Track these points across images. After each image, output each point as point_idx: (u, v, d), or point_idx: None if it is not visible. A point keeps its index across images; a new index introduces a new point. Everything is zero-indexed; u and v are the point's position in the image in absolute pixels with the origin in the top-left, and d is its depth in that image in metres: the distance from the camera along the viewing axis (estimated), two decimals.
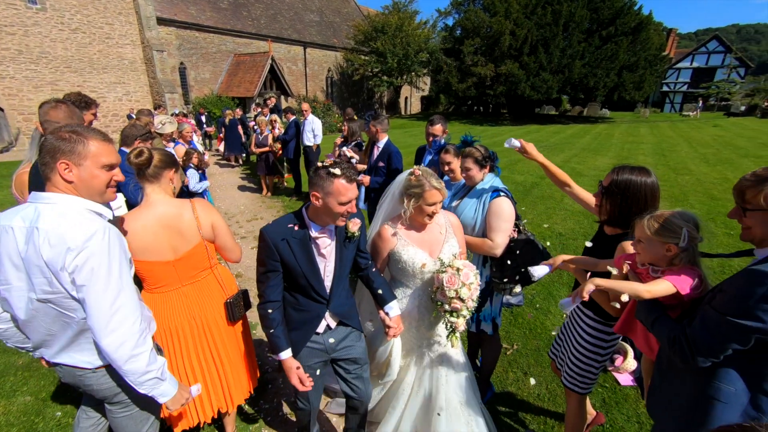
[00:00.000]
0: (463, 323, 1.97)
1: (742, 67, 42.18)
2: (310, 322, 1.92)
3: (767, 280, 1.15)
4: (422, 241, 2.10)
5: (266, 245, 1.74)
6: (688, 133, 20.88)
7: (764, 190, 1.21)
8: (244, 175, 10.90)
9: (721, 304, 1.25)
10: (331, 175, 1.64)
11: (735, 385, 1.29)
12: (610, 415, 2.69)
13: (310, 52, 27.43)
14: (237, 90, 21.29)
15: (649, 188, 1.76)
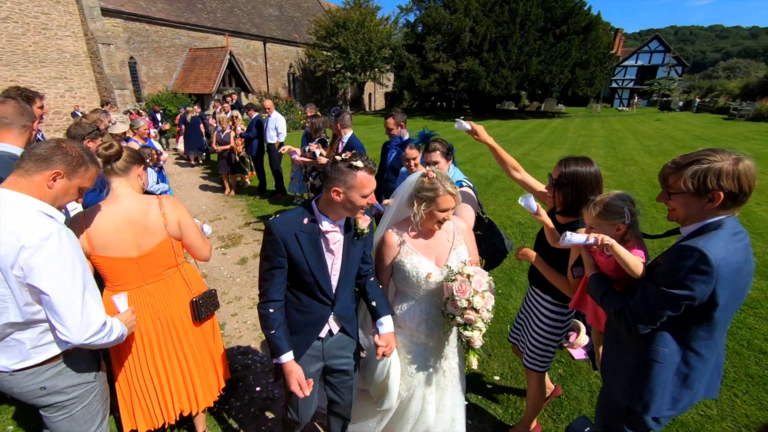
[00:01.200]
0: (480, 337, 1.78)
1: (679, 66, 45.71)
2: (313, 324, 1.80)
3: (693, 253, 1.29)
4: (428, 249, 1.92)
5: (273, 239, 1.63)
6: (635, 126, 22.40)
7: (683, 175, 1.35)
8: (205, 174, 10.49)
9: (657, 277, 1.39)
10: (354, 168, 1.57)
11: (669, 347, 1.45)
12: (566, 387, 2.88)
13: (271, 48, 26.69)
14: (194, 86, 20.34)
15: (594, 177, 1.90)
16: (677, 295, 1.32)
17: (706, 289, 1.29)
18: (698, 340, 1.41)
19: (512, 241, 5.54)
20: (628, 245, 1.57)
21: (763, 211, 6.70)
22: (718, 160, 1.30)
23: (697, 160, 1.33)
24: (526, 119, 29.54)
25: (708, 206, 1.34)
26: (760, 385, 2.84)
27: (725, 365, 3.03)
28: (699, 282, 1.28)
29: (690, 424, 2.53)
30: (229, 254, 5.34)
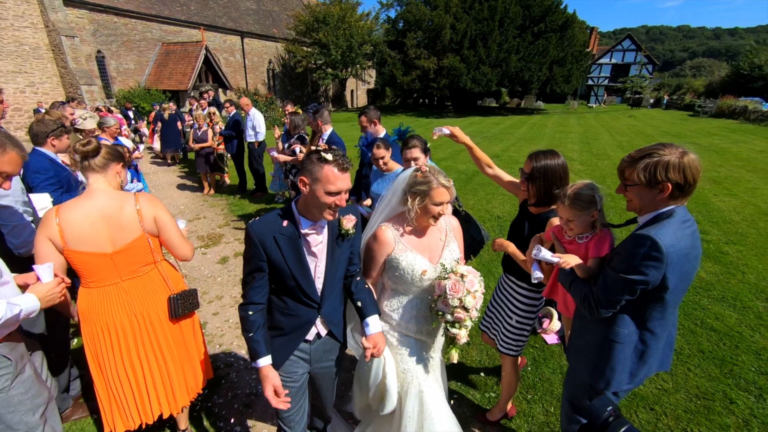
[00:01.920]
0: (466, 335, 1.81)
1: (650, 64, 47.42)
2: (300, 328, 1.76)
3: (646, 241, 1.41)
4: (422, 246, 1.91)
5: (252, 243, 1.60)
6: (609, 123, 23.16)
7: (637, 168, 1.46)
8: (183, 173, 10.29)
9: (615, 264, 1.51)
10: (322, 161, 1.50)
11: (628, 328, 1.58)
12: (539, 370, 3.05)
13: (249, 43, 26.22)
14: (168, 82, 19.80)
15: (562, 168, 2.04)
16: (633, 280, 1.43)
17: (658, 274, 1.41)
18: (653, 320, 1.55)
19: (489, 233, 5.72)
20: (600, 233, 1.72)
21: (719, 201, 7.13)
22: (666, 153, 1.41)
23: (649, 154, 1.44)
24: (506, 116, 30.08)
25: (659, 197, 1.45)
26: (710, 359, 3.09)
27: (680, 343, 3.28)
28: (651, 267, 1.40)
29: (648, 397, 2.73)
30: (209, 254, 5.31)
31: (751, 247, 5.14)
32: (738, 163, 10.44)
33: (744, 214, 6.40)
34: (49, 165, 2.86)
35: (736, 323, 3.53)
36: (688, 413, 2.59)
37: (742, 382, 2.85)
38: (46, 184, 2.79)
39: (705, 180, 8.66)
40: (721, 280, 4.29)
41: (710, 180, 8.67)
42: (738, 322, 3.55)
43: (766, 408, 2.62)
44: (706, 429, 2.47)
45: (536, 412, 2.66)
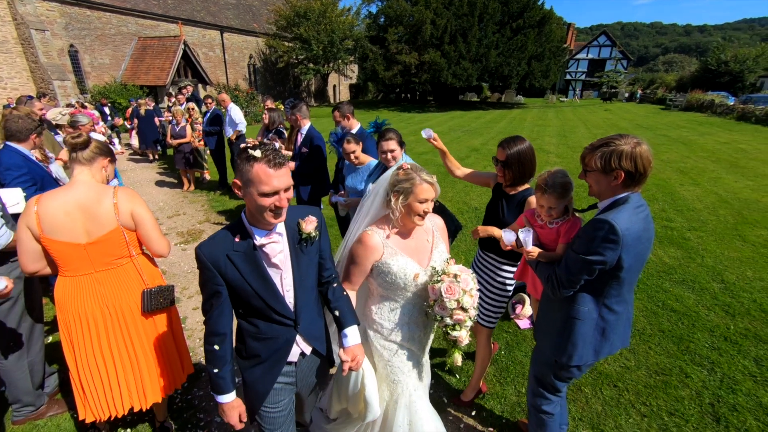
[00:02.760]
0: (467, 336, 1.76)
1: (625, 60, 48.74)
2: (279, 350, 1.59)
3: (604, 225, 1.53)
4: (411, 249, 1.82)
5: (204, 267, 1.43)
6: (586, 116, 23.75)
7: (594, 156, 1.58)
8: (162, 170, 10.11)
9: (576, 246, 1.63)
10: (251, 159, 1.33)
11: (588, 306, 1.70)
12: (512, 354, 3.19)
13: (228, 38, 25.71)
14: (145, 78, 19.27)
15: (531, 151, 2.24)
16: (592, 260, 1.55)
17: (614, 255, 1.53)
18: (610, 298, 1.67)
19: (467, 224, 5.85)
20: (572, 220, 1.85)
21: (684, 190, 7.48)
22: (622, 143, 1.52)
23: (606, 143, 1.56)
24: (487, 110, 30.44)
25: (614, 183, 1.56)
26: (669, 338, 3.30)
27: (643, 324, 3.48)
28: (609, 249, 1.52)
29: (612, 375, 2.91)
30: (189, 250, 5.29)
31: (710, 232, 5.45)
32: (703, 154, 10.92)
33: (706, 202, 6.74)
34: (22, 162, 2.82)
35: (693, 304, 3.77)
36: (647, 388, 2.78)
37: (696, 357, 3.07)
38: (20, 181, 2.75)
39: (672, 171, 9.06)
40: (682, 264, 4.54)
41: (677, 170, 9.07)
42: (695, 303, 3.78)
43: (716, 380, 2.84)
44: (663, 402, 2.66)
45: (509, 393, 2.79)
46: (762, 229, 5.52)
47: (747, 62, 38.41)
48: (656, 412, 2.57)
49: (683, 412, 2.56)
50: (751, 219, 5.91)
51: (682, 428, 2.45)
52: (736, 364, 2.98)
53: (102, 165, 2.01)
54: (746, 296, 3.87)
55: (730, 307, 3.71)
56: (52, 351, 3.21)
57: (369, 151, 3.58)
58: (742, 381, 2.82)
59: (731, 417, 2.52)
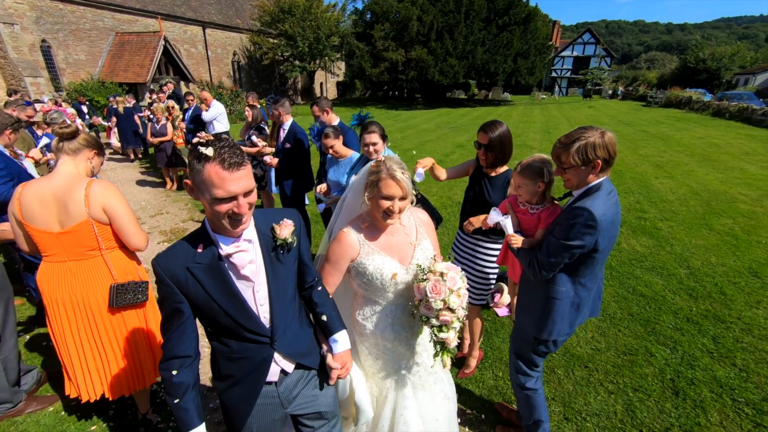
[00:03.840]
0: (455, 337, 1.65)
1: (608, 57, 49.66)
2: (254, 371, 1.43)
3: (584, 212, 1.63)
4: (389, 246, 1.71)
5: (161, 282, 1.26)
6: (570, 113, 24.18)
7: (571, 152, 1.67)
8: (144, 169, 9.98)
9: (557, 233, 1.73)
10: (201, 158, 1.13)
11: (566, 286, 1.83)
12: (490, 341, 3.31)
13: (211, 34, 25.32)
14: (124, 75, 18.86)
15: (510, 134, 2.46)
16: (573, 245, 1.67)
17: (592, 239, 1.65)
18: (585, 277, 1.81)
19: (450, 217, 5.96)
20: (552, 208, 1.96)
21: (659, 183, 7.75)
22: (590, 136, 1.64)
23: (577, 138, 1.65)
24: (474, 107, 30.70)
25: (592, 173, 1.68)
26: (637, 321, 3.47)
27: (614, 308, 3.64)
28: (587, 234, 1.63)
29: (584, 357, 3.05)
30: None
31: (680, 222, 5.68)
32: (679, 149, 11.29)
33: (678, 194, 7.01)
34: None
35: (661, 289, 3.96)
36: (615, 368, 2.93)
37: (661, 338, 3.24)
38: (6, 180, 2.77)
39: (649, 165, 9.35)
40: (653, 252, 4.74)
41: (654, 164, 9.37)
42: (663, 288, 3.97)
43: (677, 357, 3.01)
44: (629, 379, 2.81)
45: (486, 378, 2.91)
46: (727, 218, 5.78)
47: (723, 60, 39.65)
48: (622, 389, 2.72)
49: (646, 388, 2.72)
50: (718, 209, 6.18)
51: (644, 402, 2.60)
52: (695, 343, 3.16)
53: (88, 157, 2.05)
54: (709, 280, 4.09)
55: (694, 290, 3.91)
56: (32, 348, 3.22)
57: (351, 145, 3.65)
58: (700, 357, 3.00)
59: (689, 390, 2.69)
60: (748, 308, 3.61)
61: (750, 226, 5.47)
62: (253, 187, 1.23)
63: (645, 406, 2.57)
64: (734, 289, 3.93)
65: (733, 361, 2.96)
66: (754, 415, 2.49)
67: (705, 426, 2.42)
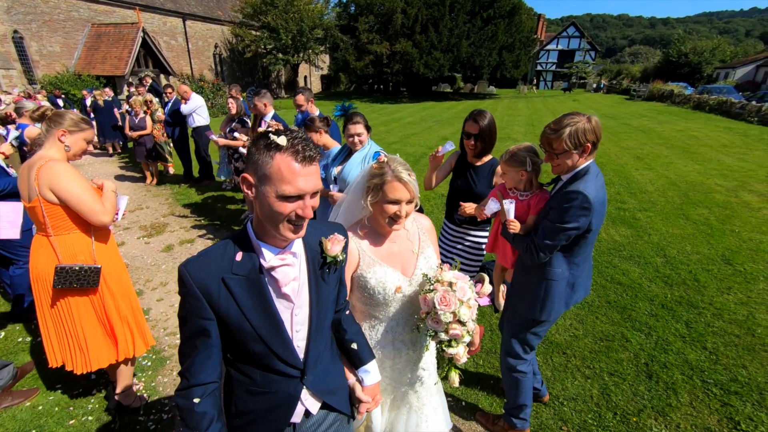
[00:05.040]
0: (465, 352, 1.53)
1: (593, 51, 50.23)
2: (278, 409, 1.21)
3: (578, 196, 1.70)
4: (391, 255, 1.57)
5: (189, 294, 1.06)
6: (555, 106, 24.43)
7: (562, 138, 1.72)
8: (123, 163, 9.75)
9: (553, 217, 1.78)
10: (272, 147, 1.00)
11: (561, 267, 1.90)
12: None
13: (192, 26, 24.67)
14: (102, 67, 18.25)
15: (494, 121, 2.51)
16: (569, 228, 1.73)
17: (587, 221, 1.73)
18: (578, 256, 1.89)
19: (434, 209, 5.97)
20: (541, 194, 2.01)
21: (639, 175, 7.92)
22: (578, 121, 1.71)
23: (567, 124, 1.72)
24: (459, 101, 30.76)
25: (582, 155, 1.75)
26: (614, 308, 3.55)
27: (592, 296, 3.72)
28: (582, 216, 1.71)
29: (562, 344, 3.11)
30: (153, 243, 5.18)
31: (658, 212, 5.82)
32: (660, 141, 11.54)
33: (657, 185, 7.18)
34: None
35: (638, 277, 4.06)
36: (592, 353, 3.00)
37: (636, 323, 3.32)
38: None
39: (630, 157, 9.54)
40: (631, 242, 4.85)
41: (634, 157, 9.56)
42: (639, 276, 4.07)
43: (651, 342, 3.09)
44: (605, 364, 2.88)
45: (468, 365, 2.94)
46: (703, 209, 5.95)
47: (704, 54, 40.52)
48: (598, 374, 2.78)
49: (621, 372, 2.79)
50: (695, 200, 6.35)
51: (619, 386, 2.67)
52: (669, 328, 3.26)
53: (57, 136, 2.08)
54: (684, 268, 4.21)
55: (669, 278, 4.02)
56: (7, 344, 3.14)
57: (333, 137, 3.62)
58: (673, 342, 3.09)
59: (662, 373, 2.77)
60: (719, 294, 3.74)
61: (724, 216, 5.64)
62: (320, 188, 1.12)
63: (620, 389, 2.64)
64: (707, 276, 4.05)
65: (704, 344, 3.06)
66: (722, 395, 2.59)
67: (676, 407, 2.50)
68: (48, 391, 2.69)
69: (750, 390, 2.62)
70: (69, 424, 2.44)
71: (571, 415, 2.45)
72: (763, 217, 5.59)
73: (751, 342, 3.09)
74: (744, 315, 3.42)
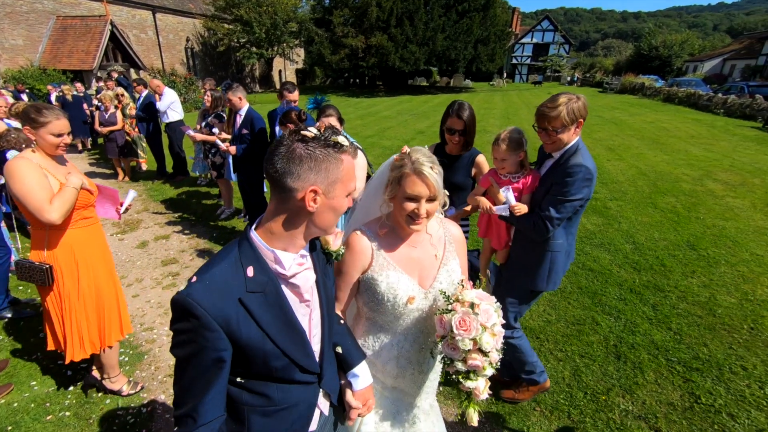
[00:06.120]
0: (486, 387, 1.31)
1: (567, 44, 51.26)
2: (297, 421, 1.13)
3: (581, 168, 1.83)
4: (409, 261, 1.40)
5: (202, 326, 0.89)
6: (530, 99, 24.86)
7: (561, 116, 1.84)
8: (93, 160, 9.41)
9: (560, 191, 1.89)
10: (338, 149, 0.96)
11: (561, 238, 2.04)
12: None
13: (162, 18, 23.78)
14: (68, 61, 17.40)
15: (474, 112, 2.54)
16: (576, 199, 1.87)
17: (589, 191, 1.88)
18: (573, 226, 2.06)
19: None
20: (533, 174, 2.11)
21: (610, 165, 8.20)
22: (572, 99, 1.86)
23: (562, 103, 1.85)
24: (435, 94, 30.86)
25: (576, 130, 1.89)
26: (585, 293, 3.69)
27: (564, 283, 3.84)
28: (586, 187, 1.86)
29: (536, 329, 3.21)
30: (126, 239, 5.06)
31: (628, 201, 6.05)
32: (631, 133, 11.94)
33: (628, 175, 7.45)
34: None
35: (608, 263, 4.22)
36: (564, 337, 3.11)
37: (606, 308, 3.46)
38: None
39: (602, 148, 9.84)
40: (602, 230, 5.03)
41: (606, 148, 9.87)
42: (610, 262, 4.24)
43: (620, 325, 3.23)
44: (577, 347, 2.99)
45: None
46: (671, 197, 6.22)
47: (674, 48, 41.93)
48: (570, 356, 2.90)
49: (592, 354, 2.91)
50: (663, 189, 6.62)
51: (590, 367, 2.79)
52: (637, 311, 3.41)
53: (28, 132, 2.08)
54: (651, 254, 4.40)
55: (638, 264, 4.20)
56: None
57: None
58: (640, 324, 3.24)
59: (630, 354, 2.91)
60: (684, 278, 3.93)
61: (690, 204, 5.91)
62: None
63: (590, 370, 2.76)
64: (673, 261, 4.25)
65: (669, 325, 3.23)
66: (684, 372, 2.75)
67: (642, 384, 2.63)
68: (23, 388, 2.65)
69: (710, 366, 2.79)
70: (46, 419, 2.41)
71: (544, 396, 2.55)
72: (726, 205, 5.89)
73: (712, 322, 3.28)
74: (706, 297, 3.62)
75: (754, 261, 4.23)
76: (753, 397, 2.53)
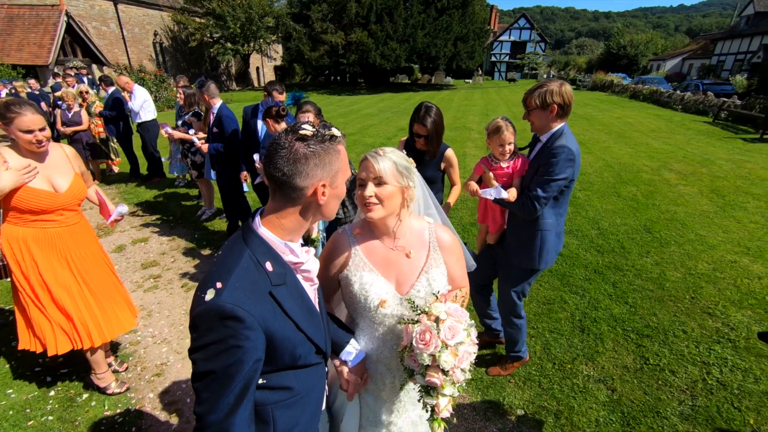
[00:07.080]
0: (447, 405, 1.23)
1: (543, 42, 52.59)
2: (316, 402, 1.16)
3: (564, 149, 1.97)
4: (387, 263, 1.35)
5: (249, 329, 0.87)
6: (508, 96, 25.47)
7: (533, 96, 2.01)
8: None
9: (546, 172, 2.02)
10: (334, 140, 0.99)
11: (551, 218, 2.17)
12: None
13: (125, 10, 22.62)
14: (18, 55, 16.11)
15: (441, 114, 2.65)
16: (560, 178, 1.99)
17: (572, 171, 2.00)
18: (561, 206, 2.18)
19: None
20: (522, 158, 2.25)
21: (581, 159, 8.46)
22: (550, 85, 1.99)
23: (540, 86, 2.02)
24: (417, 92, 31.13)
25: (550, 116, 2.00)
26: (555, 276, 3.94)
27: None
28: (569, 167, 1.98)
29: None
30: (103, 244, 4.89)
31: (595, 192, 6.42)
32: (600, 128, 12.50)
33: (595, 167, 7.87)
34: None
35: (576, 248, 4.51)
36: (536, 316, 3.33)
37: (573, 287, 3.73)
38: None
39: None
40: (570, 218, 5.33)
41: (578, 142, 10.30)
42: (577, 247, 4.53)
43: (585, 302, 3.50)
44: (547, 324, 3.22)
45: None
46: (632, 186, 6.63)
47: (640, 47, 43.79)
48: (541, 333, 3.12)
49: (560, 329, 3.15)
50: (626, 179, 7.05)
51: (558, 341, 3.02)
52: (599, 289, 3.70)
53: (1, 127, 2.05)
54: (613, 238, 4.73)
55: (601, 247, 4.51)
56: None
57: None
58: (602, 300, 3.52)
59: (592, 327, 3.17)
60: (640, 258, 4.27)
61: (648, 192, 6.33)
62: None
63: (558, 343, 2.99)
64: (631, 243, 4.59)
65: (626, 300, 3.52)
66: (637, 338, 3.04)
67: (602, 352, 2.90)
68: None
69: (658, 332, 3.11)
70: (28, 425, 2.38)
71: (518, 369, 2.75)
72: (678, 192, 6.38)
73: (661, 294, 3.62)
74: (657, 273, 3.96)
75: (698, 240, 4.66)
76: (690, 355, 2.88)
